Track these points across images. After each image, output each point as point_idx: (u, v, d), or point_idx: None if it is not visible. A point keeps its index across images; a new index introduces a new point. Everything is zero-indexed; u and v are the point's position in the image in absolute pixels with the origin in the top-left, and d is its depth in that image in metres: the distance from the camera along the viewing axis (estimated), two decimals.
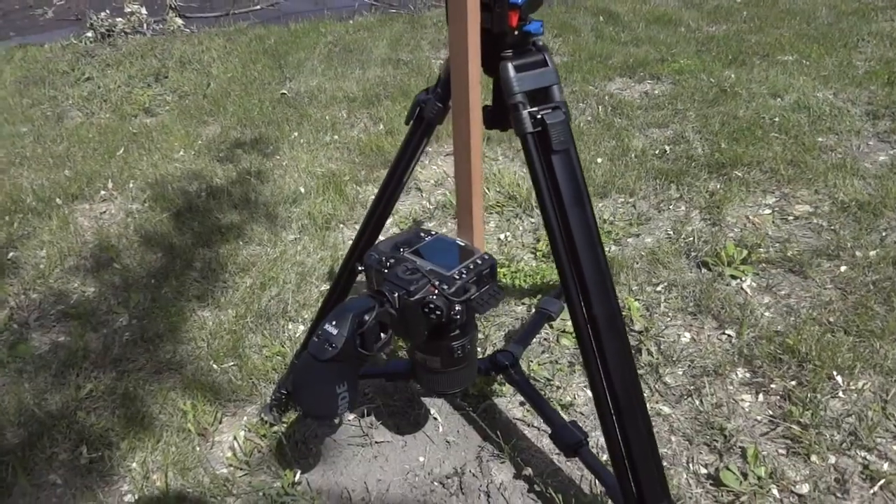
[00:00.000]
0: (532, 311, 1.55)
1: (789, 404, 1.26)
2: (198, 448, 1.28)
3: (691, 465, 1.18)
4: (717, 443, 1.21)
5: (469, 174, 0.93)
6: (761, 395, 1.31)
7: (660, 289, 1.62)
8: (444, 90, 0.92)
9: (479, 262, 0.94)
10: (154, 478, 1.22)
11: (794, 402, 1.27)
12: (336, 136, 2.49)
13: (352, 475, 1.22)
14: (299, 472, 1.20)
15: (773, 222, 1.84)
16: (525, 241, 1.87)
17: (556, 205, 0.86)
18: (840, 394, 1.28)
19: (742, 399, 1.30)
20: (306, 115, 2.67)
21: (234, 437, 1.29)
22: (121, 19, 4.24)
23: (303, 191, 2.13)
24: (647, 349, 1.43)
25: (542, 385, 1.37)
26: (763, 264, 1.67)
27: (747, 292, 1.58)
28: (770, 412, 1.27)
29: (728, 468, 1.15)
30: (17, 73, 3.50)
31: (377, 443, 1.27)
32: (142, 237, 1.95)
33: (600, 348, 0.88)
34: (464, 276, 0.91)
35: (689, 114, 2.46)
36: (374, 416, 1.32)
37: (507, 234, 1.90)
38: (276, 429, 1.29)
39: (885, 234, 1.74)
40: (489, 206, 2.01)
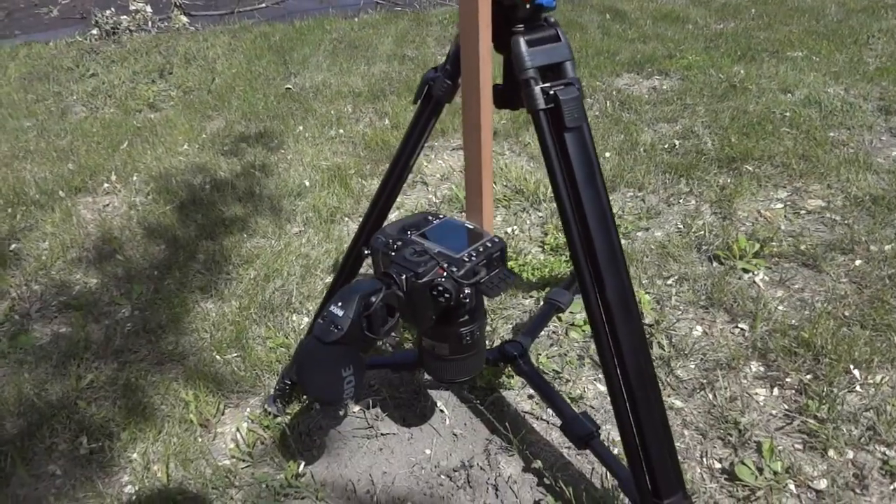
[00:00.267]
0: (540, 303, 1.52)
1: (805, 398, 1.23)
2: (200, 439, 1.26)
3: (705, 460, 1.15)
4: (731, 437, 1.18)
5: (479, 153, 0.90)
6: (776, 389, 1.27)
7: (670, 282, 1.59)
8: (454, 66, 0.89)
9: (489, 244, 0.91)
10: (155, 469, 1.19)
11: (810, 396, 1.24)
12: (341, 131, 2.47)
13: (357, 467, 1.19)
14: (303, 464, 1.18)
15: (786, 216, 1.81)
16: (532, 235, 1.84)
17: (568, 184, 0.84)
18: (857, 388, 1.25)
19: (756, 393, 1.27)
20: (311, 109, 2.65)
21: (237, 429, 1.27)
22: (126, 17, 4.23)
23: (307, 184, 2.11)
24: (659, 342, 1.40)
25: (550, 378, 1.34)
26: (776, 258, 1.64)
27: (760, 286, 1.55)
28: (785, 406, 1.24)
29: (743, 463, 1.12)
30: (21, 70, 3.49)
31: (383, 435, 1.25)
32: (145, 229, 1.93)
33: (614, 333, 0.85)
34: (473, 258, 0.89)
35: (698, 109, 2.43)
36: (379, 408, 1.29)
37: (515, 227, 1.88)
38: (279, 420, 1.26)
39: None
40: (496, 199, 1.99)
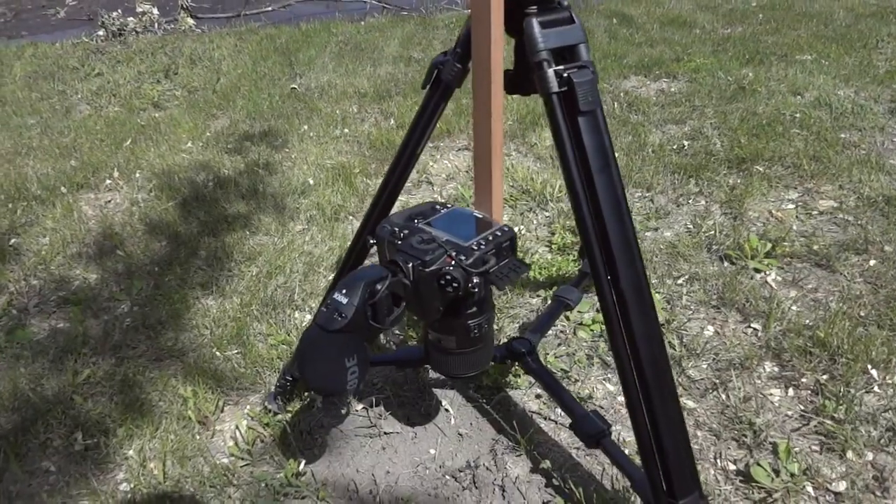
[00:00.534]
0: (548, 302, 1.49)
1: (822, 399, 1.20)
2: (198, 436, 1.22)
3: (719, 461, 1.11)
4: (745, 438, 1.15)
5: (489, 138, 0.87)
6: (791, 390, 1.24)
7: (681, 282, 1.55)
8: (464, 49, 0.87)
9: (499, 233, 0.88)
10: (151, 466, 1.16)
11: (826, 396, 1.20)
12: (346, 130, 2.45)
13: (359, 467, 1.16)
14: (304, 463, 1.14)
15: (797, 217, 1.77)
16: (539, 235, 1.81)
17: (581, 171, 0.81)
18: (875, 388, 1.21)
19: (771, 393, 1.24)
20: (316, 109, 2.63)
21: (236, 427, 1.23)
22: (132, 19, 4.24)
23: (312, 182, 2.08)
24: (670, 342, 1.37)
25: (558, 378, 1.30)
26: (788, 258, 1.60)
27: (772, 286, 1.52)
28: (801, 407, 1.20)
29: (759, 464, 1.08)
30: (27, 69, 3.49)
31: (386, 434, 1.21)
32: (146, 225, 1.90)
33: (627, 324, 0.82)
34: (482, 247, 0.86)
35: (706, 110, 2.40)
36: (383, 407, 1.26)
37: (521, 227, 1.85)
38: (279, 418, 1.23)
39: None
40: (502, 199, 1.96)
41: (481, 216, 0.93)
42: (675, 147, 2.16)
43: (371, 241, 0.95)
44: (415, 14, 4.21)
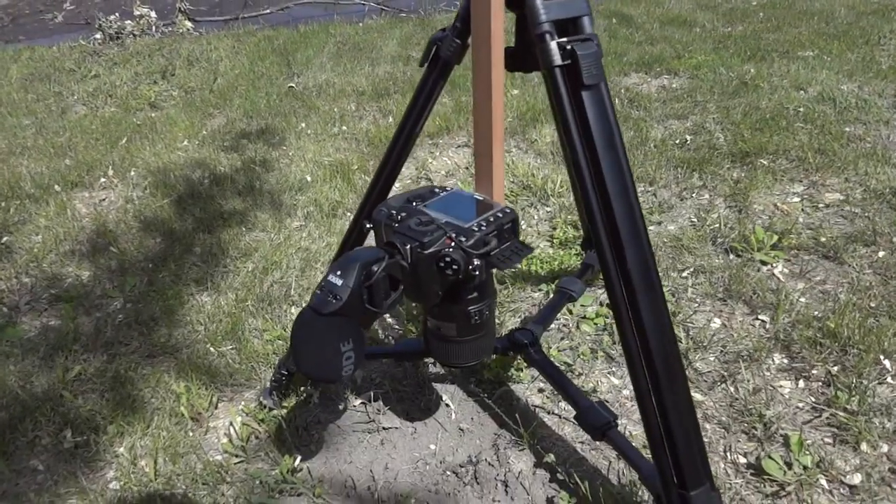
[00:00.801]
0: (550, 297, 1.46)
1: (834, 390, 1.16)
2: (191, 433, 1.19)
3: (729, 454, 1.08)
4: (756, 431, 1.11)
5: (490, 115, 0.84)
6: (802, 382, 1.20)
7: (685, 275, 1.52)
8: (464, 24, 0.84)
9: (500, 215, 0.85)
10: (142, 464, 1.12)
11: (838, 387, 1.16)
12: (344, 128, 2.42)
13: (357, 462, 1.12)
14: (299, 459, 1.11)
15: (803, 210, 1.74)
16: (541, 230, 1.78)
17: (585, 147, 0.78)
18: (889, 379, 1.18)
19: (781, 385, 1.20)
20: (314, 107, 2.60)
21: (231, 423, 1.20)
22: (130, 22, 4.22)
23: (309, 179, 2.05)
24: (675, 335, 1.33)
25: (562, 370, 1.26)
26: (794, 250, 1.57)
27: (780, 278, 1.49)
28: (812, 399, 1.16)
29: (770, 457, 1.04)
30: (23, 71, 3.47)
31: (384, 429, 1.18)
32: (141, 222, 1.87)
33: (635, 308, 0.78)
34: (483, 228, 0.82)
35: (708, 105, 2.38)
36: (381, 402, 1.22)
37: (522, 222, 1.81)
38: (275, 413, 1.19)
39: None
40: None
41: (482, 198, 0.90)
42: (677, 142, 2.14)
43: (367, 226, 0.92)
44: (413, 15, 4.20)
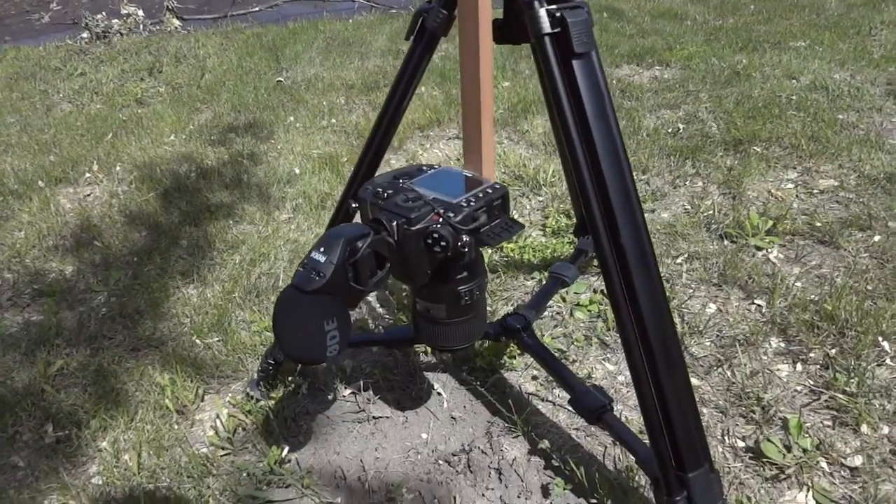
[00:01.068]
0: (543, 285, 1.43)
1: (832, 373, 1.14)
2: (176, 426, 1.15)
3: (727, 438, 1.05)
4: (754, 414, 1.09)
5: (478, 88, 0.82)
6: (799, 365, 1.18)
7: (680, 261, 1.50)
8: None
9: (490, 190, 0.83)
10: (125, 458, 1.09)
11: (836, 370, 1.14)
12: (333, 121, 2.39)
13: (347, 453, 1.09)
14: (287, 450, 1.08)
15: (798, 196, 1.72)
16: (533, 219, 1.76)
17: (576, 118, 0.75)
18: (888, 361, 1.16)
19: (778, 369, 1.18)
20: (303, 100, 2.57)
21: (217, 415, 1.16)
22: (117, 21, 4.18)
23: (297, 172, 2.02)
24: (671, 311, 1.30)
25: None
26: (789, 235, 1.55)
27: (775, 263, 1.47)
28: (811, 381, 1.14)
29: (769, 440, 1.02)
30: (8, 70, 3.42)
31: (375, 419, 1.15)
32: (126, 216, 1.83)
33: (629, 282, 0.76)
34: (472, 204, 0.80)
35: (701, 95, 2.36)
36: (371, 391, 1.19)
37: (515, 212, 1.79)
38: (262, 405, 1.16)
39: None
40: None
41: (471, 175, 0.87)
42: (669, 130, 2.12)
43: (353, 205, 0.89)
44: (403, 12, 4.18)
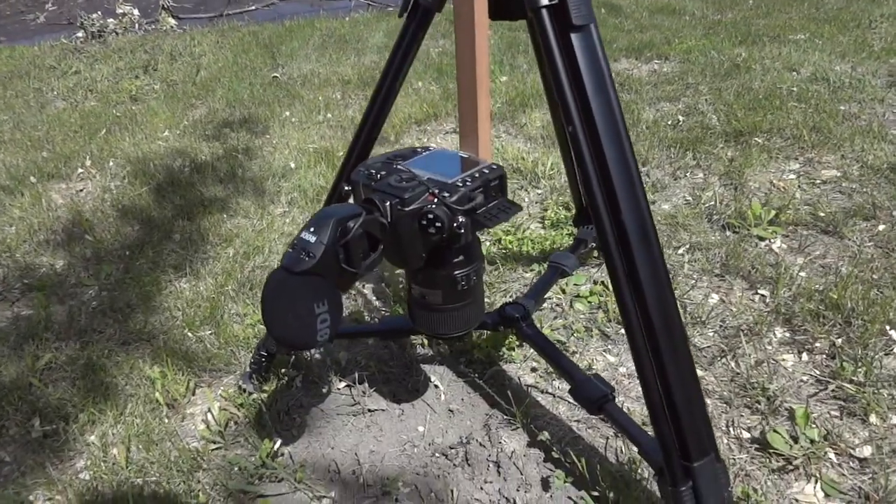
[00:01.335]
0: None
1: (839, 362, 1.11)
2: (166, 420, 1.13)
3: (732, 429, 1.03)
4: (759, 405, 1.06)
5: (473, 65, 0.79)
6: (805, 355, 1.15)
7: (681, 251, 1.47)
8: None
9: (486, 171, 0.80)
10: (114, 452, 1.06)
11: (843, 359, 1.11)
12: (329, 115, 2.37)
13: (341, 446, 1.06)
14: (279, 442, 1.05)
15: (800, 186, 1.70)
16: (532, 212, 1.73)
17: (576, 94, 0.72)
18: (895, 350, 1.13)
19: (783, 359, 1.15)
20: (298, 96, 2.55)
21: (208, 409, 1.14)
22: (112, 20, 4.15)
23: (293, 166, 2.00)
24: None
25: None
26: (792, 226, 1.53)
27: (778, 253, 1.44)
28: (817, 371, 1.12)
29: (775, 431, 0.99)
30: (1, 69, 3.39)
31: (370, 411, 1.12)
32: (118, 211, 1.81)
33: (631, 263, 0.73)
34: (468, 184, 0.77)
35: (700, 87, 2.34)
36: (366, 384, 1.16)
37: None
38: (255, 397, 1.13)
39: None
40: None
41: (467, 156, 0.84)
42: (669, 123, 2.09)
43: (346, 188, 0.86)
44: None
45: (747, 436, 1.01)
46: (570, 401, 1.10)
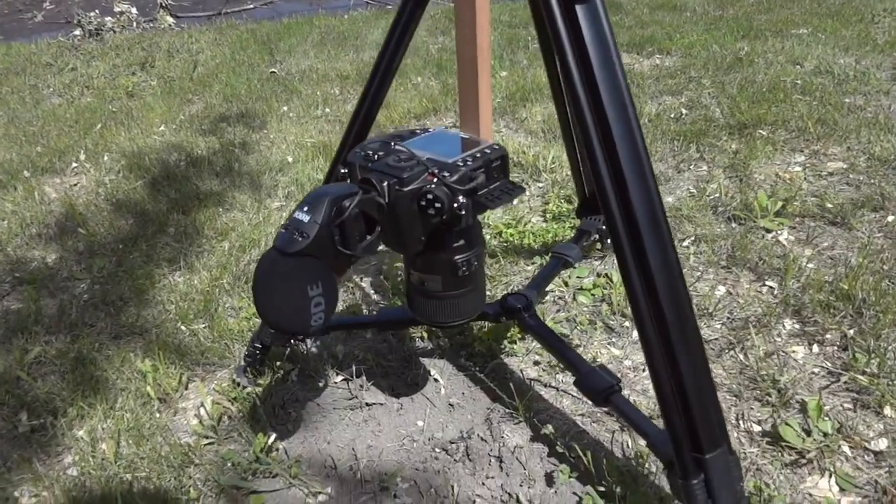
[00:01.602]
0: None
1: (851, 354, 1.08)
2: (158, 414, 1.09)
3: (742, 422, 0.99)
4: (769, 397, 1.03)
5: (474, 44, 0.76)
6: (816, 346, 1.12)
7: (686, 243, 1.44)
8: None
9: (488, 151, 0.77)
10: (103, 447, 1.03)
11: (856, 350, 1.08)
12: (328, 110, 2.34)
13: (338, 441, 1.03)
14: (273, 437, 1.01)
15: (806, 178, 1.67)
16: (533, 205, 1.70)
17: (581, 68, 0.69)
18: None
19: (793, 350, 1.12)
20: (296, 91, 2.52)
21: (201, 403, 1.10)
22: (110, 18, 4.12)
23: (290, 160, 1.96)
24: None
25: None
26: (799, 217, 1.49)
27: (785, 245, 1.41)
28: (828, 363, 1.08)
29: (787, 424, 0.96)
30: None
31: (368, 405, 1.08)
32: (112, 204, 1.77)
33: (639, 246, 0.70)
34: (469, 164, 0.74)
35: (703, 81, 2.31)
36: (364, 377, 1.13)
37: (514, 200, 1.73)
38: (249, 391, 1.10)
39: None
40: None
41: (468, 136, 0.81)
42: (672, 116, 2.06)
43: (343, 171, 0.83)
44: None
45: (758, 429, 0.98)
46: (575, 394, 1.07)
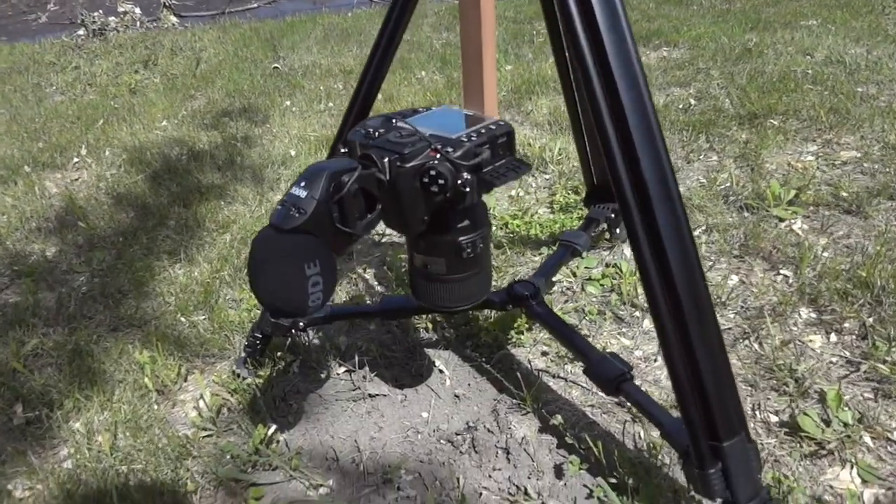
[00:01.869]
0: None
1: (870, 342, 1.04)
2: (156, 406, 1.06)
3: (759, 413, 0.96)
4: (787, 387, 0.99)
5: (479, 21, 0.73)
6: (834, 335, 1.08)
7: (698, 233, 1.40)
8: None
9: (493, 127, 0.74)
10: (99, 440, 1.00)
11: (876, 339, 1.04)
12: (331, 104, 2.31)
13: (340, 433, 1.00)
14: (273, 428, 0.98)
15: (819, 168, 1.63)
16: (539, 197, 1.67)
17: (596, 55, 0.66)
18: None
19: (811, 340, 1.08)
20: (299, 86, 2.49)
21: (200, 395, 1.07)
22: (113, 18, 4.12)
23: (293, 153, 1.94)
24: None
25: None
26: (813, 206, 1.46)
27: (799, 233, 1.37)
28: (847, 353, 1.05)
29: (806, 414, 0.92)
30: (1, 66, 3.36)
31: (371, 397, 1.05)
32: (113, 198, 1.75)
33: (653, 225, 0.67)
34: (473, 139, 0.71)
35: (712, 72, 2.27)
36: (367, 368, 1.10)
37: (520, 190, 1.70)
38: (249, 383, 1.07)
39: None
40: None
41: (472, 113, 0.78)
42: (680, 106, 2.03)
43: (343, 151, 0.80)
44: None
45: (775, 419, 0.94)
46: (584, 385, 1.04)
